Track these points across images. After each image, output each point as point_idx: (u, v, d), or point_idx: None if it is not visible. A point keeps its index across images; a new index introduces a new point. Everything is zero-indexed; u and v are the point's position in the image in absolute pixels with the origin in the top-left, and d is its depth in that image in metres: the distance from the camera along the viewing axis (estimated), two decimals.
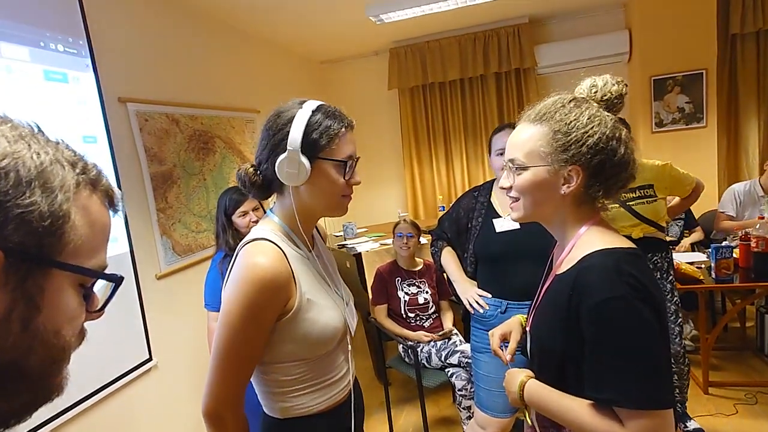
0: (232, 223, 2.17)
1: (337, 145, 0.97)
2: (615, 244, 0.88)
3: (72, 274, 0.44)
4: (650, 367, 0.81)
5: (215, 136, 3.02)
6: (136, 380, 2.25)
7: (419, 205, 4.69)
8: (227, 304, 0.93)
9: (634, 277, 0.82)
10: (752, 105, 3.81)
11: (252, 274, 0.91)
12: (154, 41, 2.59)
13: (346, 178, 1.00)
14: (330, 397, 1.06)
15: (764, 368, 3.00)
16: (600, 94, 0.94)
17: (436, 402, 2.99)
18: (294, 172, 0.95)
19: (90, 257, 0.45)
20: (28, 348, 0.41)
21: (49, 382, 0.45)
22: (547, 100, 0.95)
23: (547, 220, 0.98)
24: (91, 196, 0.46)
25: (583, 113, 0.89)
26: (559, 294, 0.92)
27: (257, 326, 0.93)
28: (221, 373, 0.95)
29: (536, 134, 0.91)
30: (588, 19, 4.16)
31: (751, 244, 2.69)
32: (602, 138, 0.88)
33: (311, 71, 4.66)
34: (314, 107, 0.98)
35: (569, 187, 0.89)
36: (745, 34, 3.69)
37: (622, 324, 0.81)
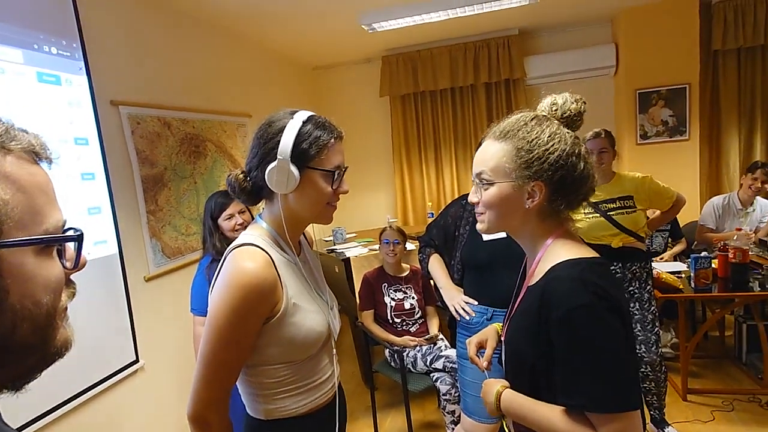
0: (218, 227, 2.19)
1: (326, 156, 1.01)
2: (579, 255, 0.92)
3: (26, 247, 0.42)
4: (617, 371, 0.85)
5: (207, 139, 3.05)
6: (122, 382, 2.26)
7: (409, 212, 4.74)
8: (214, 309, 0.95)
9: (599, 286, 0.86)
10: (733, 119, 3.92)
11: (239, 278, 0.93)
12: (148, 45, 2.62)
13: (333, 188, 1.03)
14: (314, 399, 1.08)
15: (742, 376, 3.07)
16: (560, 111, 0.98)
17: (421, 406, 3.02)
18: (283, 180, 0.97)
19: (39, 222, 0.43)
20: (11, 325, 0.41)
21: (47, 346, 0.45)
22: (511, 117, 1.00)
23: (514, 233, 1.02)
24: (5, 160, 0.42)
25: (544, 131, 0.94)
26: (530, 304, 0.96)
27: (243, 330, 0.95)
28: (207, 377, 0.96)
29: (501, 151, 0.95)
30: (576, 33, 4.26)
31: (729, 255, 2.76)
32: (562, 155, 0.92)
33: (304, 77, 4.70)
34: (305, 118, 1.01)
35: (533, 201, 0.94)
36: (727, 50, 3.81)
37: (588, 331, 0.85)
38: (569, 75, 4.22)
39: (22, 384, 0.45)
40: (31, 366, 0.46)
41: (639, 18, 3.83)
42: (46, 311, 0.44)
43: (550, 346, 0.89)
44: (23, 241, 0.42)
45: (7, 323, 0.41)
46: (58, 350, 0.47)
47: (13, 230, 0.41)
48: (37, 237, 0.43)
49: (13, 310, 0.41)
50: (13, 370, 0.44)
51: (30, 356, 0.45)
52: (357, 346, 3.26)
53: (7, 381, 0.44)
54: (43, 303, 0.44)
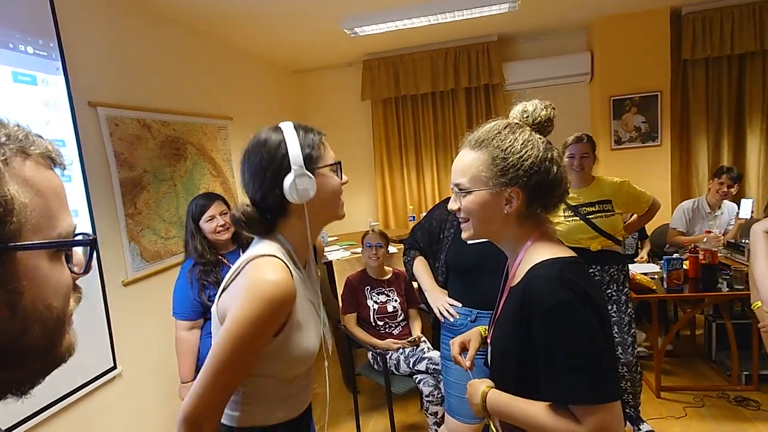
0: (200, 229, 2.17)
1: (325, 152, 1.05)
2: (557, 254, 0.96)
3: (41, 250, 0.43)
4: (597, 364, 0.89)
5: (187, 142, 3.01)
6: (99, 389, 2.21)
7: (390, 215, 4.77)
8: (236, 316, 0.93)
9: (576, 283, 0.90)
10: (702, 126, 4.08)
11: (264, 291, 0.92)
12: (127, 45, 2.58)
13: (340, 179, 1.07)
14: (291, 410, 1.09)
15: (712, 373, 3.19)
16: (531, 118, 1.02)
17: (403, 408, 3.03)
18: (305, 187, 0.99)
19: (53, 226, 0.44)
20: (22, 329, 0.42)
21: (54, 350, 0.46)
22: (485, 126, 1.03)
23: (495, 238, 1.06)
24: (25, 164, 0.43)
25: (517, 139, 0.97)
26: (513, 305, 0.99)
27: (259, 341, 0.94)
28: (214, 381, 0.93)
29: (477, 160, 0.99)
30: (553, 40, 4.36)
31: (699, 257, 2.87)
32: (536, 161, 0.96)
33: (284, 80, 4.68)
34: (293, 126, 1.04)
35: (511, 207, 0.97)
36: (696, 59, 3.96)
37: (567, 326, 0.89)
38: (546, 81, 4.31)
39: (27, 389, 0.45)
40: (37, 370, 0.46)
41: (613, 27, 3.95)
42: (57, 315, 0.45)
43: (533, 343, 0.93)
44: (42, 244, 0.43)
45: (19, 326, 0.42)
46: (62, 355, 0.47)
47: (30, 233, 0.42)
48: (54, 240, 0.44)
49: (26, 313, 0.42)
50: (20, 374, 0.44)
51: (37, 360, 0.45)
52: (339, 350, 3.26)
53: (13, 385, 0.45)
54: (54, 307, 0.45)
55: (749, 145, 3.99)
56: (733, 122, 4.02)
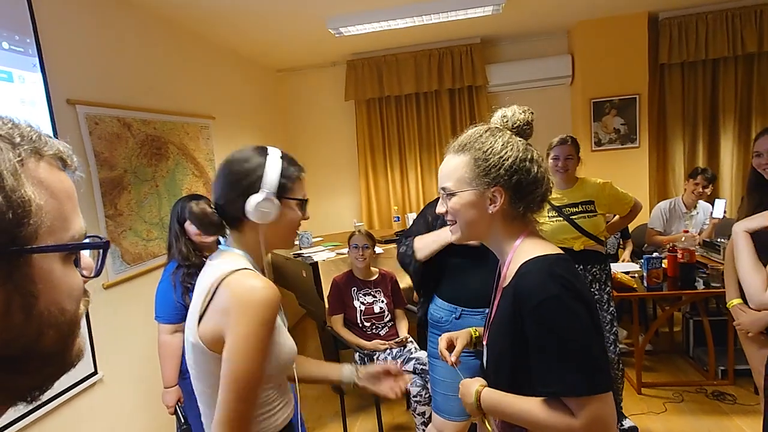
0: (185, 232, 2.13)
1: (298, 187, 1.11)
2: (546, 251, 0.99)
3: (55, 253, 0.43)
4: (588, 356, 0.91)
5: (168, 141, 2.95)
6: (79, 395, 2.14)
7: (374, 216, 4.76)
8: (242, 330, 0.93)
9: (565, 278, 0.93)
10: (678, 128, 4.19)
11: (257, 295, 0.96)
12: (106, 42, 2.51)
13: (303, 215, 1.13)
14: (288, 412, 1.14)
15: (690, 369, 3.28)
16: (510, 122, 1.07)
17: (390, 409, 3.03)
18: (267, 211, 1.05)
19: (66, 229, 0.44)
20: (37, 333, 0.41)
21: (66, 354, 0.46)
22: (467, 131, 1.09)
23: (484, 238, 1.09)
24: (39, 165, 0.43)
25: (497, 141, 1.02)
26: (506, 304, 1.01)
27: (268, 345, 0.98)
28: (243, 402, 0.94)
29: (460, 163, 1.04)
30: (535, 43, 4.42)
31: (677, 256, 2.95)
32: (516, 161, 1.00)
33: (267, 79, 4.63)
34: (280, 154, 1.10)
35: (495, 206, 1.01)
36: (672, 64, 4.07)
37: (558, 321, 0.91)
38: (528, 83, 4.37)
39: (37, 395, 0.44)
40: (48, 375, 0.45)
41: (593, 31, 4.03)
42: (70, 319, 0.44)
43: (526, 339, 0.94)
44: (58, 246, 0.43)
45: (34, 330, 0.41)
46: (72, 360, 0.47)
47: (45, 236, 0.41)
48: (70, 243, 0.44)
49: (41, 318, 0.41)
50: (33, 379, 0.43)
51: (50, 365, 0.44)
52: (325, 351, 3.24)
53: (26, 390, 0.43)
54: (67, 310, 0.44)
55: (723, 147, 4.12)
56: (707, 125, 4.15)
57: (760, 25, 3.81)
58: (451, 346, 1.28)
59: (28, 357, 0.42)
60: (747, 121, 4.05)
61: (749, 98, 4.03)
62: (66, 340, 0.45)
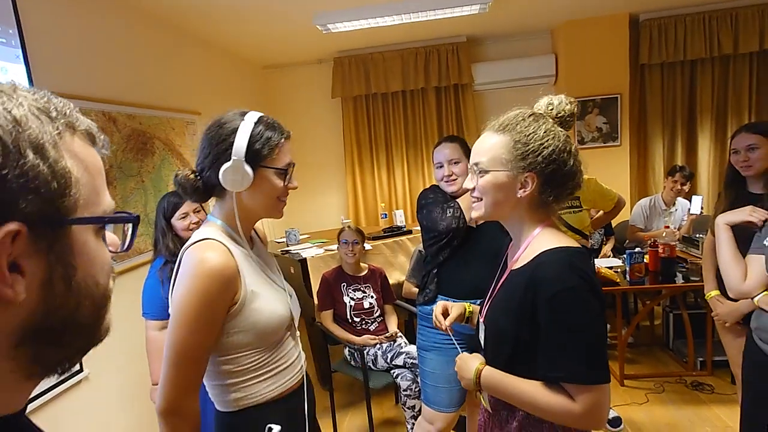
0: (172, 227, 2.12)
1: (277, 155, 1.06)
2: (566, 244, 1.01)
3: (93, 225, 0.44)
4: (596, 348, 0.94)
5: (154, 136, 2.91)
6: (65, 393, 2.10)
7: (361, 213, 4.76)
8: (181, 300, 0.97)
9: (584, 272, 0.95)
10: (657, 127, 4.30)
11: (202, 267, 0.97)
12: (92, 35, 2.47)
13: (285, 184, 1.09)
14: (283, 383, 1.12)
15: (670, 361, 3.37)
16: (555, 111, 1.06)
17: (379, 404, 3.05)
18: (239, 179, 1.02)
19: (98, 203, 0.45)
20: (76, 304, 0.42)
21: (97, 327, 0.47)
22: (509, 113, 1.07)
23: (505, 219, 1.10)
24: (74, 139, 0.43)
25: (540, 127, 1.01)
26: (515, 287, 1.02)
27: (211, 318, 0.98)
28: (177, 369, 0.97)
29: (499, 143, 1.03)
30: (519, 42, 4.48)
31: (659, 251, 3.03)
32: (555, 150, 1.00)
33: (253, 75, 4.59)
34: (256, 119, 1.06)
35: (525, 191, 1.01)
36: (652, 64, 4.17)
37: (574, 311, 0.93)
38: (513, 82, 4.43)
39: (67, 367, 0.45)
40: (79, 348, 0.45)
41: (575, 31, 4.11)
42: (103, 292, 0.45)
43: (535, 323, 0.96)
44: (97, 218, 0.44)
45: (73, 301, 0.42)
46: (101, 334, 0.48)
47: (82, 209, 0.42)
48: (107, 216, 0.45)
49: (79, 288, 0.42)
50: (66, 351, 0.44)
51: (83, 337, 0.45)
52: (314, 347, 3.23)
53: (58, 363, 0.44)
54: (101, 284, 0.45)
55: (700, 146, 4.24)
56: (686, 124, 4.26)
57: (735, 28, 3.93)
58: (446, 313, 1.32)
59: (65, 328, 0.42)
60: (723, 120, 4.18)
61: (725, 98, 4.16)
62: (99, 312, 0.46)
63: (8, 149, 0.37)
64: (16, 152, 0.37)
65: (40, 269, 0.40)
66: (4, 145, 0.37)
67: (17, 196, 0.37)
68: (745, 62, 4.05)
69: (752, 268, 1.59)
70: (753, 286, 1.58)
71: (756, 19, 3.87)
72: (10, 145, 0.37)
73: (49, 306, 0.41)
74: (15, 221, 0.37)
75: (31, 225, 0.38)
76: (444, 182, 1.89)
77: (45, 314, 0.40)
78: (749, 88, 4.08)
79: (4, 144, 0.37)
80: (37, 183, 0.38)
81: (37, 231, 0.38)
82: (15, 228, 0.36)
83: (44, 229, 0.39)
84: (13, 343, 0.40)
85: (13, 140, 0.37)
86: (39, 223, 0.38)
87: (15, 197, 0.37)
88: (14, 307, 0.38)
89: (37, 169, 0.38)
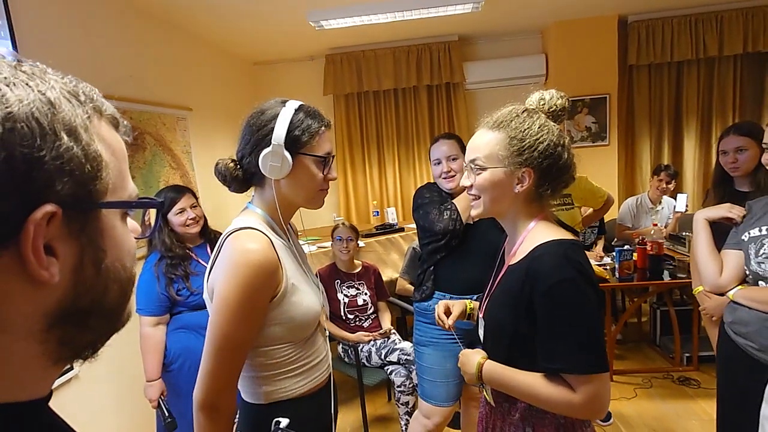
0: (168, 222, 2.10)
1: (317, 142, 1.05)
2: (561, 236, 1.02)
3: (119, 210, 0.44)
4: (593, 338, 0.96)
5: (145, 132, 2.87)
6: (55, 392, 2.06)
7: (352, 210, 4.76)
8: (224, 290, 0.95)
9: (580, 264, 0.97)
10: (645, 127, 4.38)
11: (246, 258, 0.95)
12: (82, 29, 2.43)
13: (324, 173, 1.07)
14: (312, 379, 1.11)
15: (657, 357, 3.43)
16: (547, 106, 1.08)
17: (372, 401, 3.05)
18: (277, 165, 1.01)
19: (125, 188, 0.45)
20: (104, 288, 0.43)
21: (122, 311, 0.47)
22: (503, 110, 1.08)
23: (501, 216, 1.11)
24: (101, 124, 0.44)
25: (534, 122, 1.03)
26: (513, 281, 1.04)
27: (254, 309, 0.96)
28: (220, 360, 0.95)
29: (494, 139, 1.04)
30: (510, 42, 4.52)
31: (647, 248, 3.08)
32: (551, 144, 1.01)
33: (244, 72, 4.56)
34: (296, 106, 1.05)
35: (522, 186, 1.02)
36: (640, 65, 4.24)
37: (571, 302, 0.95)
38: (505, 82, 4.46)
39: (91, 353, 0.45)
40: (104, 332, 0.45)
41: (565, 31, 4.15)
42: (128, 276, 0.45)
43: (533, 316, 0.98)
44: (127, 203, 0.44)
45: (102, 284, 0.42)
46: (125, 319, 0.47)
47: (112, 192, 0.42)
48: (137, 200, 0.45)
49: (108, 272, 0.43)
50: (93, 335, 0.44)
51: (109, 321, 0.45)
52: None
53: (84, 347, 0.44)
54: (127, 267, 0.45)
55: (686, 145, 4.32)
56: (672, 124, 4.34)
57: (720, 31, 4.01)
58: (447, 311, 1.33)
59: (93, 311, 0.42)
60: (708, 120, 4.27)
61: (710, 99, 4.24)
62: (125, 296, 0.46)
63: (45, 131, 0.37)
64: (53, 134, 0.37)
65: (72, 252, 0.40)
66: (41, 127, 0.37)
67: (53, 178, 0.37)
68: (730, 64, 4.14)
69: (728, 262, 1.62)
70: (728, 280, 1.61)
71: (740, 22, 3.95)
72: (47, 127, 0.37)
73: (80, 289, 0.41)
74: (51, 203, 0.36)
75: (66, 207, 0.38)
76: (442, 179, 1.90)
77: (75, 297, 0.41)
78: (733, 90, 4.17)
79: (41, 126, 0.37)
80: (72, 165, 0.38)
81: (71, 214, 0.39)
82: (51, 210, 0.36)
83: (77, 212, 0.39)
84: (45, 326, 0.40)
85: (49, 122, 0.37)
86: (73, 206, 0.38)
87: (51, 179, 0.37)
88: (49, 289, 0.38)
89: (72, 152, 0.38)
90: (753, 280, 1.54)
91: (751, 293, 1.53)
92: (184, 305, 2.07)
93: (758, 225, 1.56)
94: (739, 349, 1.55)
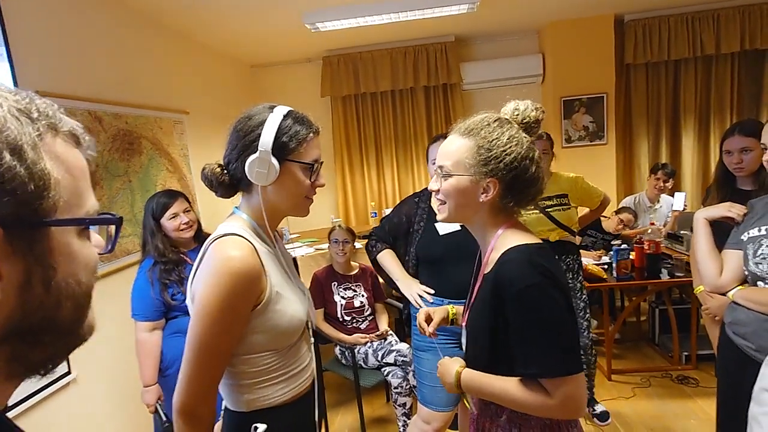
0: (161, 227, 2.10)
1: (304, 149, 1.05)
2: (526, 241, 1.02)
3: (73, 227, 0.44)
4: (564, 341, 0.96)
5: (141, 136, 2.88)
6: (52, 396, 2.07)
7: (350, 212, 4.76)
8: (204, 297, 0.94)
9: (545, 267, 0.97)
10: (642, 126, 4.37)
11: (228, 266, 0.94)
12: (78, 33, 2.43)
13: (311, 180, 1.07)
14: (294, 387, 1.10)
15: (655, 356, 3.43)
16: (521, 117, 1.07)
17: (369, 402, 3.05)
18: (264, 171, 1.00)
19: (81, 205, 0.44)
20: (56, 304, 0.42)
21: (80, 326, 0.46)
22: (476, 116, 1.08)
23: (468, 223, 1.12)
24: (55, 141, 0.43)
25: (504, 133, 1.02)
26: (487, 290, 1.04)
27: (234, 317, 0.96)
28: (199, 367, 0.95)
29: (463, 147, 1.04)
30: (507, 42, 4.52)
31: (645, 247, 3.08)
32: (518, 157, 1.01)
33: (241, 74, 4.57)
34: (285, 112, 1.04)
35: (486, 196, 1.02)
36: (637, 64, 4.24)
37: (538, 307, 0.95)
38: (501, 82, 4.46)
39: (50, 368, 0.45)
40: (62, 348, 0.45)
41: (562, 31, 4.15)
42: (85, 291, 0.45)
43: (506, 323, 0.98)
44: (76, 220, 0.44)
45: (53, 302, 0.42)
46: (84, 334, 0.47)
47: (62, 210, 0.42)
48: (86, 217, 0.45)
49: (59, 289, 0.42)
50: (48, 351, 0.44)
51: (65, 337, 0.45)
52: None
53: (40, 363, 0.44)
54: (83, 282, 0.45)
55: (684, 144, 4.32)
56: (670, 122, 4.34)
57: (717, 29, 4.00)
58: (428, 319, 1.33)
59: (45, 328, 0.42)
60: (706, 118, 4.26)
61: (708, 98, 4.24)
62: (81, 312, 0.46)
63: None
64: None
65: (17, 270, 0.39)
66: None
67: None
68: (727, 62, 4.13)
69: (728, 262, 1.61)
70: (728, 281, 1.60)
71: (737, 19, 3.94)
72: None
73: (28, 307, 0.40)
74: None
75: (7, 227, 0.37)
76: None
77: (24, 315, 0.40)
78: (731, 88, 4.16)
79: None
80: (14, 185, 0.37)
81: (14, 233, 0.38)
82: None
83: (21, 231, 0.39)
84: None
85: None
86: (15, 226, 0.38)
87: None
88: None
89: (14, 171, 0.37)
90: (752, 280, 1.54)
91: (750, 294, 1.52)
92: (180, 309, 2.07)
93: (758, 225, 1.54)
94: (739, 349, 1.54)
